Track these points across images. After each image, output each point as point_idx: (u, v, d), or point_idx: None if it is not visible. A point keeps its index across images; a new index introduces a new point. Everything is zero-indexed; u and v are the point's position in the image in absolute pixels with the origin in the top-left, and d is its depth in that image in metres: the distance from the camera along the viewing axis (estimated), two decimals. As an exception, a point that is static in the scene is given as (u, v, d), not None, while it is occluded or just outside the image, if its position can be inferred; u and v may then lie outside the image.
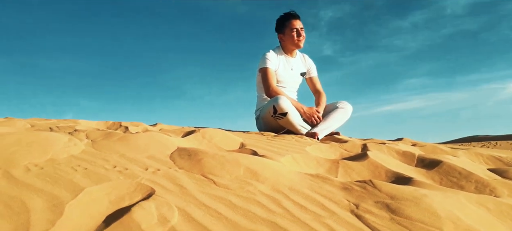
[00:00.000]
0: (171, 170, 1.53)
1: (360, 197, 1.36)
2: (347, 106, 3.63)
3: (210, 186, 1.37)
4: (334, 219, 1.17)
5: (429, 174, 1.98)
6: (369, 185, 1.46)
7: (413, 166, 2.18)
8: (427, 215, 1.18)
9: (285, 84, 3.75)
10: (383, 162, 2.00)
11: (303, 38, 3.71)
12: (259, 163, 1.62)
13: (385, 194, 1.37)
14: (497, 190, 1.73)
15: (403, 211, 1.21)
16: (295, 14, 3.74)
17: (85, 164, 1.54)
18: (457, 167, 1.97)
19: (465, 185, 1.81)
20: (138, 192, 1.28)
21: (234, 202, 1.22)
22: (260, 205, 1.22)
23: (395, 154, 2.38)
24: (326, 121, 3.47)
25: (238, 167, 1.56)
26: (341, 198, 1.35)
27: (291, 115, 3.27)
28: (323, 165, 1.96)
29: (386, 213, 1.21)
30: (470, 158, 2.71)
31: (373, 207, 1.26)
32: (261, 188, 1.37)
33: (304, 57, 3.98)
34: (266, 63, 3.61)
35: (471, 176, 1.88)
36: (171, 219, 1.06)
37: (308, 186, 1.45)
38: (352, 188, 1.45)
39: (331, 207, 1.26)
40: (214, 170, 1.53)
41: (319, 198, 1.33)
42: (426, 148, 2.91)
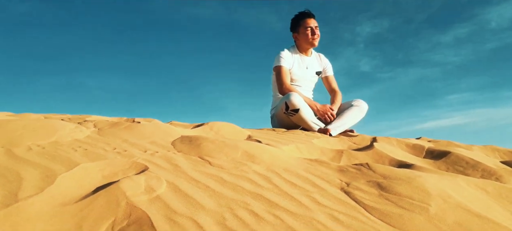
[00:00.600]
0: (169, 152, 1.56)
1: (353, 177, 1.35)
2: (363, 104, 3.59)
3: (205, 165, 1.38)
4: (321, 193, 1.16)
5: (436, 164, 1.94)
6: (364, 167, 1.44)
7: (422, 157, 2.14)
8: (417, 192, 1.16)
9: (300, 83, 3.74)
10: (388, 152, 1.97)
11: (317, 36, 3.70)
12: (258, 148, 1.63)
13: (379, 174, 1.36)
14: (503, 178, 1.68)
15: (393, 188, 1.20)
16: (310, 13, 3.74)
17: (86, 146, 1.59)
18: (465, 157, 1.92)
19: (471, 173, 1.77)
20: (132, 169, 1.31)
21: (225, 178, 1.24)
22: (250, 181, 1.22)
23: (404, 146, 2.34)
24: (340, 119, 3.44)
25: (236, 150, 1.57)
26: (334, 178, 1.34)
27: (303, 111, 3.26)
28: (327, 154, 1.95)
29: (375, 190, 1.20)
30: (486, 153, 2.64)
31: (364, 185, 1.25)
32: (256, 168, 1.37)
33: (320, 57, 3.97)
34: (280, 62, 3.62)
35: (478, 165, 1.83)
36: (158, 189, 1.08)
37: (304, 168, 1.44)
38: (347, 170, 1.44)
39: (322, 185, 1.25)
40: (212, 153, 1.54)
41: (312, 178, 1.32)
42: (440, 143, 2.85)
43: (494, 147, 2.77)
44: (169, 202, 1.00)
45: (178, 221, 0.90)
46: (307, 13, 3.75)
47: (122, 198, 1.00)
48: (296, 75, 3.75)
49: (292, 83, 3.76)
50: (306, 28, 3.71)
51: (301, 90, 3.78)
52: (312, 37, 3.70)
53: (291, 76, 3.74)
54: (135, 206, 0.96)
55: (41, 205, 0.97)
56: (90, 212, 0.95)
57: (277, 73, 3.66)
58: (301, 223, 0.94)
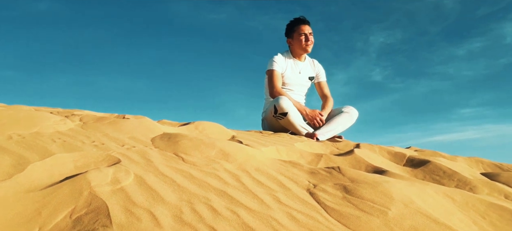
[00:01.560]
0: (146, 148, 1.58)
1: (322, 179, 1.37)
2: (352, 111, 3.61)
3: (177, 162, 1.41)
4: (286, 193, 1.18)
5: (414, 172, 1.96)
6: (335, 170, 1.46)
7: (402, 165, 2.16)
8: (380, 197, 1.18)
9: (292, 87, 3.77)
10: (367, 158, 1.99)
11: (311, 43, 3.73)
12: (234, 147, 1.65)
13: (347, 178, 1.38)
14: (477, 188, 1.70)
15: (357, 191, 1.22)
16: (304, 19, 3.77)
17: (65, 138, 1.61)
18: (443, 167, 1.94)
19: (447, 182, 1.79)
20: (105, 161, 1.33)
21: (194, 174, 1.26)
22: (218, 178, 1.24)
23: (386, 154, 2.36)
24: (329, 125, 3.46)
25: (212, 148, 1.59)
26: (303, 179, 1.36)
27: (291, 115, 3.29)
28: (305, 157, 1.97)
29: (340, 193, 1.22)
30: (469, 164, 2.66)
31: (330, 187, 1.27)
32: (227, 167, 1.39)
33: (314, 62, 4.00)
34: (272, 66, 3.65)
35: (455, 175, 1.85)
36: (123, 181, 1.10)
37: (276, 168, 1.47)
38: (318, 172, 1.46)
39: (289, 185, 1.28)
40: (188, 150, 1.57)
41: (281, 178, 1.34)
42: (425, 152, 2.87)
43: (478, 159, 2.79)
44: (131, 194, 1.02)
45: (135, 212, 0.92)
46: (301, 20, 3.79)
47: (85, 188, 1.02)
48: (289, 79, 3.78)
49: (284, 87, 3.78)
50: (300, 34, 3.74)
51: (293, 94, 3.81)
52: (305, 43, 3.73)
53: (284, 80, 3.77)
54: (97, 196, 0.98)
55: (6, 191, 1.00)
56: (52, 200, 0.97)
57: (269, 76, 3.69)
58: (257, 220, 0.96)
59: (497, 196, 1.64)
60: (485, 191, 1.67)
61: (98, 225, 0.86)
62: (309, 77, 3.93)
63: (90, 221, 0.88)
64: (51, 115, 2.09)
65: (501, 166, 2.67)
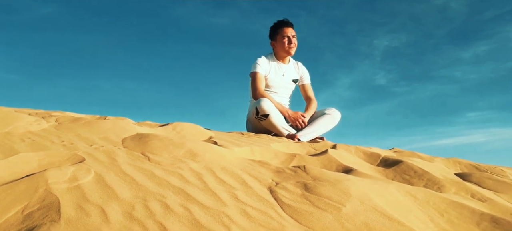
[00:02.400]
0: (114, 148, 1.59)
1: (286, 177, 1.39)
2: (335, 113, 3.64)
3: (143, 161, 1.42)
4: (245, 191, 1.20)
5: (385, 171, 1.98)
6: (300, 169, 1.48)
7: (375, 165, 2.19)
8: (338, 194, 1.20)
9: (276, 89, 3.79)
10: (339, 158, 2.01)
11: (294, 45, 3.75)
12: (204, 147, 1.67)
13: (311, 176, 1.39)
14: (445, 188, 1.72)
15: (317, 189, 1.24)
16: (288, 22, 3.80)
17: (35, 138, 1.62)
18: (414, 167, 1.96)
19: (416, 182, 1.81)
20: (69, 160, 1.34)
21: (156, 173, 1.27)
22: (180, 177, 1.26)
23: (362, 154, 2.38)
24: (311, 126, 3.49)
25: (180, 148, 1.61)
26: (267, 177, 1.38)
27: (272, 116, 3.31)
28: (279, 157, 1.99)
29: (300, 190, 1.24)
30: (447, 165, 2.68)
31: (291, 185, 1.29)
32: (193, 166, 1.41)
33: (298, 65, 4.02)
34: (256, 68, 3.67)
35: (425, 175, 1.87)
36: (81, 179, 1.11)
37: (242, 167, 1.48)
38: (283, 171, 1.47)
39: (251, 183, 1.29)
40: (156, 150, 1.58)
41: (245, 176, 1.36)
42: (403, 153, 2.89)
43: (456, 160, 2.82)
44: (86, 191, 1.04)
45: (86, 208, 0.93)
46: (285, 22, 3.81)
47: (42, 185, 1.03)
48: (273, 81, 3.80)
49: (268, 90, 3.81)
50: (283, 37, 3.76)
51: (277, 96, 3.83)
52: (288, 45, 3.76)
53: (268, 82, 3.79)
54: (51, 193, 0.99)
55: (-39, 188, 1.01)
56: (8, 196, 0.98)
57: (252, 79, 3.71)
58: (208, 217, 0.97)
59: (464, 195, 1.66)
60: (452, 190, 1.70)
61: (46, 220, 0.87)
62: (293, 80, 3.95)
63: (40, 216, 0.89)
64: (28, 116, 2.10)
65: (478, 166, 2.70)
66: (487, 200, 1.61)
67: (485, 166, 2.73)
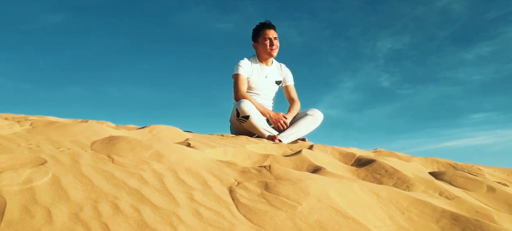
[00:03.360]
0: (81, 150, 1.59)
1: (249, 177, 1.39)
2: (317, 114, 3.64)
3: (106, 163, 1.41)
4: (203, 191, 1.20)
5: (357, 171, 1.99)
6: (265, 169, 1.48)
7: (349, 164, 2.19)
8: (296, 192, 1.20)
9: (259, 91, 3.80)
10: (312, 158, 2.02)
11: (276, 47, 3.76)
12: (172, 148, 1.66)
13: (274, 175, 1.40)
14: (414, 186, 1.73)
15: (276, 188, 1.24)
16: (270, 24, 3.81)
17: (2, 141, 1.61)
18: (386, 166, 1.97)
19: (386, 180, 1.82)
20: (31, 163, 1.33)
21: (115, 175, 1.26)
22: (139, 178, 1.25)
23: (337, 154, 2.39)
24: (293, 127, 3.49)
25: (147, 150, 1.60)
26: (230, 178, 1.38)
27: (253, 118, 3.31)
28: (252, 158, 1.99)
29: (259, 190, 1.24)
30: (424, 164, 2.70)
31: (253, 185, 1.29)
32: (156, 167, 1.40)
33: (281, 66, 4.03)
34: (237, 70, 3.68)
35: (396, 173, 1.88)
36: (36, 181, 1.10)
37: (207, 168, 1.48)
38: (248, 171, 1.47)
39: (212, 183, 1.29)
40: (122, 152, 1.57)
41: (208, 177, 1.36)
42: (382, 152, 2.91)
43: (434, 159, 2.84)
44: (38, 193, 1.03)
45: (32, 210, 0.93)
46: (266, 24, 3.82)
47: (-8, 188, 1.02)
48: (255, 83, 3.80)
49: (251, 91, 3.81)
50: (265, 39, 3.77)
51: (260, 98, 3.83)
52: (270, 47, 3.76)
53: (250, 84, 3.79)
54: (0, 195, 0.99)
55: None
56: (-44, 200, 0.98)
57: (234, 80, 3.71)
58: (157, 217, 0.97)
59: (432, 193, 1.67)
60: (421, 189, 1.70)
61: (-11, 223, 0.86)
62: (276, 81, 3.96)
63: (-16, 219, 0.88)
64: (1, 120, 2.09)
65: (455, 165, 2.72)
66: (454, 198, 1.62)
67: (462, 164, 2.75)
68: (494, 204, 1.70)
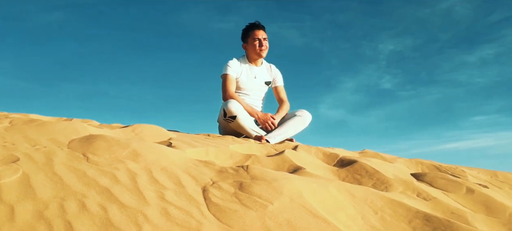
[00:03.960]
0: (57, 148, 1.57)
1: (225, 177, 1.38)
2: (305, 114, 3.65)
3: (80, 161, 1.40)
4: (175, 190, 1.19)
5: (338, 171, 1.99)
6: (243, 169, 1.48)
7: (331, 165, 2.19)
8: (269, 192, 1.20)
9: (248, 92, 3.79)
10: (294, 158, 2.01)
11: (265, 48, 3.76)
12: (150, 147, 1.65)
13: (250, 175, 1.39)
14: (392, 187, 1.73)
15: (251, 188, 1.23)
16: (259, 25, 3.80)
17: (-24, 139, 1.59)
18: (367, 167, 1.97)
19: (366, 181, 1.82)
20: (3, 161, 1.32)
21: (88, 173, 1.25)
22: (112, 177, 1.24)
23: (321, 155, 2.39)
24: (281, 128, 3.49)
25: (124, 149, 1.59)
26: (207, 177, 1.37)
27: (240, 118, 3.31)
28: (234, 158, 1.99)
29: (233, 189, 1.23)
30: (408, 165, 2.71)
31: (227, 184, 1.28)
32: (131, 166, 1.40)
33: (271, 67, 4.02)
34: (226, 70, 3.67)
35: (376, 174, 1.88)
36: (4, 179, 1.09)
37: (185, 168, 1.47)
38: (226, 171, 1.47)
39: (186, 183, 1.28)
40: (98, 150, 1.56)
41: (183, 176, 1.35)
42: (367, 153, 2.92)
43: (419, 161, 2.85)
44: (4, 191, 1.02)
45: (-5, 207, 0.92)
46: (256, 25, 3.82)
47: (-42, 186, 1.01)
48: (244, 83, 3.80)
49: (240, 92, 3.80)
50: (254, 39, 3.77)
51: (249, 98, 3.83)
52: (259, 48, 3.76)
53: (239, 84, 3.78)
54: (-35, 193, 0.98)
55: None
56: None
57: (223, 80, 3.70)
58: (123, 216, 0.96)
59: (410, 194, 1.67)
60: (399, 189, 1.71)
61: (-51, 220, 0.85)
62: (266, 82, 3.95)
63: None
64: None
65: (439, 166, 2.73)
66: (431, 199, 1.62)
67: (446, 166, 2.76)
68: (472, 205, 1.71)
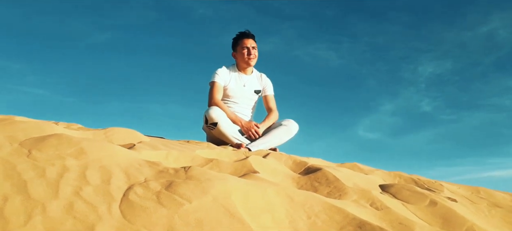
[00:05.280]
0: (7, 143, 1.58)
1: (161, 177, 1.36)
2: (291, 124, 3.61)
3: (19, 156, 1.40)
4: (97, 187, 1.18)
5: (299, 178, 1.95)
6: (183, 170, 1.46)
7: (297, 173, 2.16)
8: (193, 192, 1.18)
9: (237, 100, 3.78)
10: (255, 164, 1.99)
11: (254, 56, 3.76)
12: (100, 147, 1.65)
13: (186, 175, 1.37)
14: (347, 195, 1.69)
15: (177, 187, 1.21)
16: (248, 33, 3.81)
17: None
18: (329, 175, 1.93)
19: (322, 188, 1.78)
20: None
21: (17, 168, 1.25)
22: (40, 172, 1.24)
23: (291, 163, 2.36)
24: (265, 137, 3.46)
25: (72, 147, 1.59)
26: (142, 177, 1.36)
27: (221, 125, 3.29)
28: (195, 162, 1.97)
29: (159, 188, 1.21)
30: (386, 177, 2.65)
31: (157, 183, 1.26)
32: (69, 163, 1.39)
33: (262, 76, 4.01)
34: (214, 78, 3.68)
35: (335, 182, 1.84)
36: None
37: (126, 167, 1.46)
38: (167, 171, 1.45)
39: (116, 181, 1.27)
40: (45, 147, 1.56)
41: (118, 175, 1.34)
42: (344, 165, 2.87)
43: (398, 173, 2.79)
44: None
45: None
46: (245, 34, 3.83)
47: None
48: (233, 91, 3.79)
49: (229, 100, 3.80)
50: (243, 48, 3.78)
51: (237, 107, 3.82)
52: (247, 56, 3.77)
53: (228, 92, 3.78)
54: None
55: None
56: None
57: (210, 88, 3.71)
58: (21, 207, 0.96)
59: (363, 202, 1.63)
60: (353, 198, 1.67)
61: None
62: (255, 91, 3.94)
63: None
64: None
65: (417, 179, 2.66)
66: (384, 208, 1.58)
67: (425, 180, 2.70)
68: (429, 218, 1.66)
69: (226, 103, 3.76)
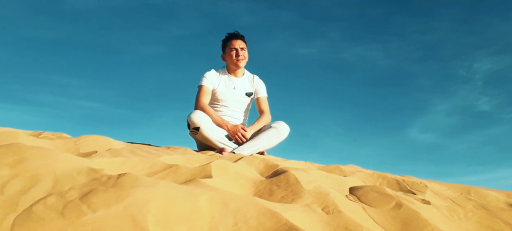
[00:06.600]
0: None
1: (88, 185, 1.32)
2: (281, 126, 3.51)
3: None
4: (14, 199, 1.15)
5: (261, 182, 1.88)
6: (116, 177, 1.42)
7: (264, 177, 2.09)
8: (105, 200, 1.13)
9: (227, 103, 3.71)
10: (216, 169, 1.92)
11: (243, 58, 3.68)
12: (45, 154, 1.62)
13: (116, 183, 1.33)
14: (301, 198, 1.62)
15: (93, 197, 1.17)
16: (237, 34, 3.74)
17: None
18: (291, 178, 1.85)
19: (278, 192, 1.71)
20: None
21: None
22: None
23: (262, 166, 2.29)
24: (253, 140, 3.38)
25: (15, 156, 1.57)
26: (69, 184, 1.32)
27: (204, 129, 3.22)
28: (153, 168, 1.93)
29: (74, 197, 1.17)
30: (367, 179, 2.55)
31: (77, 192, 1.22)
32: (4, 172, 1.37)
33: (254, 78, 3.93)
34: (202, 81, 3.62)
35: (294, 185, 1.76)
36: None
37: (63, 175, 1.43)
38: (99, 179, 1.41)
39: (38, 190, 1.24)
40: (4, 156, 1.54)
41: (47, 183, 1.31)
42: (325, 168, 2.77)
43: (381, 174, 2.68)
44: None
45: None
46: (234, 35, 3.77)
47: None
48: (222, 94, 3.73)
49: (219, 103, 3.74)
50: (231, 49, 3.72)
51: (228, 110, 3.76)
52: (236, 58, 3.71)
53: (217, 96, 3.73)
54: None
55: None
56: None
57: (198, 92, 3.66)
58: None
59: (314, 206, 1.55)
60: (306, 201, 1.59)
61: None
62: (247, 93, 3.87)
63: None
64: None
65: (402, 180, 2.55)
66: (335, 213, 1.50)
67: (409, 180, 2.58)
68: (387, 221, 1.57)
69: (216, 107, 3.70)
